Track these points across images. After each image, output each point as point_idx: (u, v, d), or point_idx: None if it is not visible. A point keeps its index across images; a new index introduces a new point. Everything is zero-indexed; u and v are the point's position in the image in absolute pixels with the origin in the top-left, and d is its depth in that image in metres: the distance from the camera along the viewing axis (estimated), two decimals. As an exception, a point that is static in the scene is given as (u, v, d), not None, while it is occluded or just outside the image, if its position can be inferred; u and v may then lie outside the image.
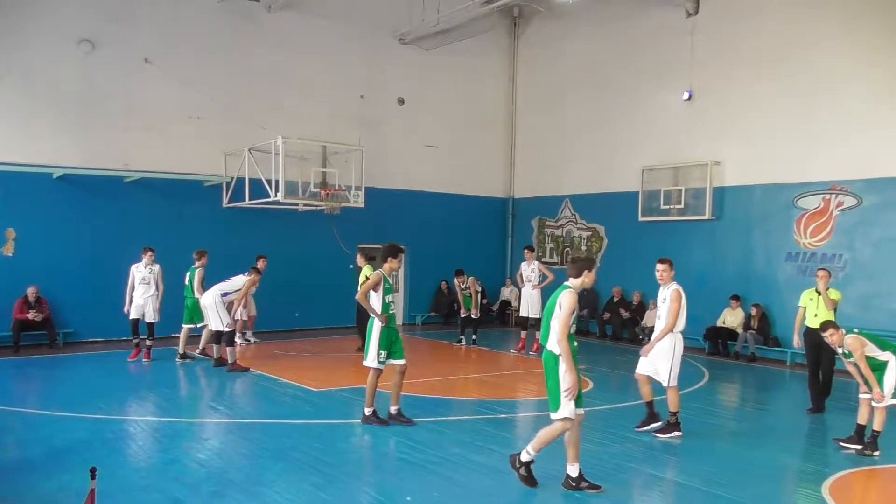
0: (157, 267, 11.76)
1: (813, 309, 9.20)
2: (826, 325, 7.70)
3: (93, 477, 3.92)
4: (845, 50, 13.04)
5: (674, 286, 7.74)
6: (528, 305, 13.58)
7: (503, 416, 8.82)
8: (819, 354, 9.22)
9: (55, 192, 13.49)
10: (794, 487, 6.56)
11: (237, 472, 6.36)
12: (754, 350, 13.70)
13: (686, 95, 15.41)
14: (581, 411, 5.85)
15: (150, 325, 11.76)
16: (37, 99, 13.39)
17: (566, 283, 5.84)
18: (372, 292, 7.80)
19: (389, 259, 7.75)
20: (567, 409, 5.61)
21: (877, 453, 7.28)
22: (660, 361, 7.73)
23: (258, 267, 12.43)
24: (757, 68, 14.23)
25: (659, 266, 7.88)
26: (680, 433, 7.74)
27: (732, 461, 7.03)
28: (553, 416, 5.69)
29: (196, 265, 11.97)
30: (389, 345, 7.81)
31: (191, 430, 7.87)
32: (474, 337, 14.72)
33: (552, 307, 5.76)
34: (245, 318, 13.29)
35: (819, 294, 9.20)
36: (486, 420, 8.28)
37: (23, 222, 13.27)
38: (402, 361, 7.89)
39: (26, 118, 13.32)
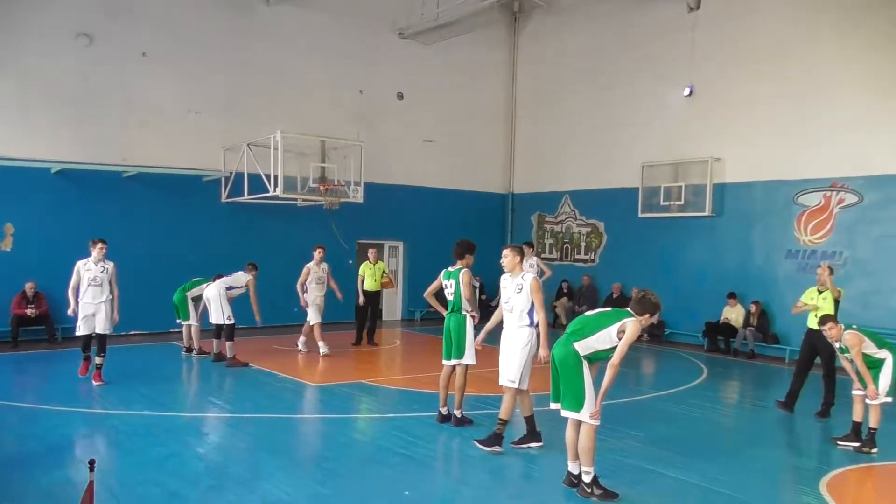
0: (110, 265, 9.60)
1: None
2: (826, 318, 7.69)
3: (91, 469, 3.91)
4: (847, 46, 13.03)
5: (529, 274, 6.90)
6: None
7: (502, 411, 8.81)
8: (814, 355, 9.04)
9: (53, 187, 13.48)
10: (792, 484, 6.55)
11: (236, 467, 6.36)
12: (753, 347, 13.71)
13: (687, 91, 15.40)
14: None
15: (102, 337, 9.57)
16: (34, 93, 13.36)
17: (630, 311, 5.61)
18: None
19: (467, 256, 7.68)
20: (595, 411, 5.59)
21: (875, 450, 7.28)
22: (512, 357, 6.83)
23: (316, 256, 12.35)
24: (758, 64, 14.21)
25: (506, 252, 6.98)
26: (501, 449, 6.84)
27: (731, 458, 7.02)
28: (576, 415, 5.62)
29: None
30: None
31: (190, 424, 7.86)
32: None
33: (605, 322, 5.60)
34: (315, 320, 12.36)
35: (820, 293, 8.97)
36: (484, 415, 8.27)
37: (21, 217, 13.25)
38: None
39: (24, 113, 13.29)
